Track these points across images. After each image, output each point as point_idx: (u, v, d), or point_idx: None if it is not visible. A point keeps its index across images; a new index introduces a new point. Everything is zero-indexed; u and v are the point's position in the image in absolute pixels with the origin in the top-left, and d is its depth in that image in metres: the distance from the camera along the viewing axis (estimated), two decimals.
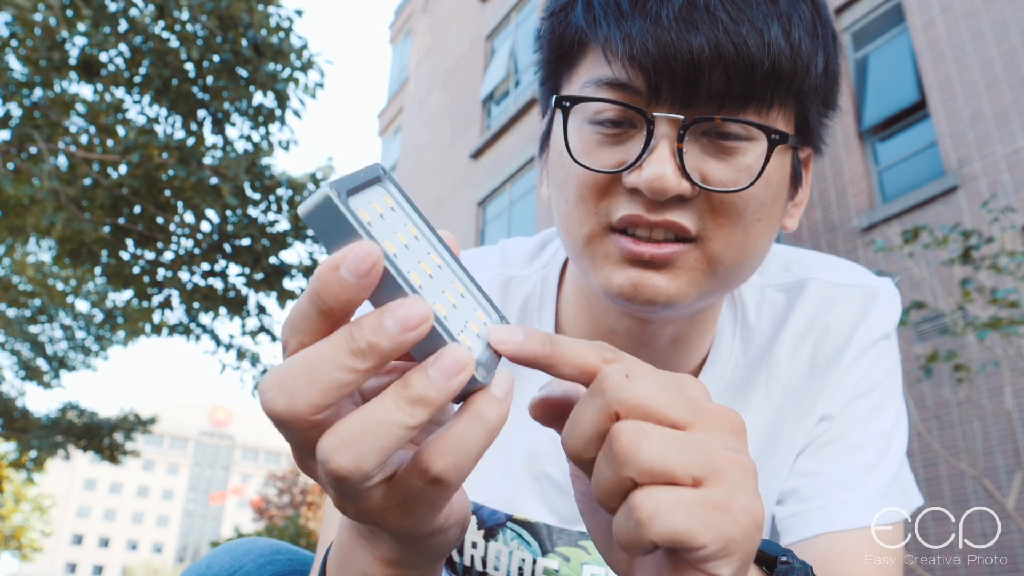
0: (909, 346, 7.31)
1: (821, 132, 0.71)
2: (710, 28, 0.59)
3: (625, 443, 0.36)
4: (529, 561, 0.81)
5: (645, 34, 0.60)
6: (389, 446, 0.34)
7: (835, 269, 0.82)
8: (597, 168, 0.64)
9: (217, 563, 0.76)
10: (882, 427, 0.76)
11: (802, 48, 0.62)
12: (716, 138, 0.63)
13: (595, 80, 0.64)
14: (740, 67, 0.60)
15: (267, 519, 27.86)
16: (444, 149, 15.82)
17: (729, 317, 0.82)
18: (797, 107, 0.66)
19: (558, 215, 0.71)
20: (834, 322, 0.79)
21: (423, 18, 18.45)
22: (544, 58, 0.72)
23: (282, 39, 7.10)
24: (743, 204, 0.64)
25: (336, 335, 0.34)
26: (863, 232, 8.26)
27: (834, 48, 0.68)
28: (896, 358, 0.81)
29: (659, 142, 0.62)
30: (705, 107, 0.61)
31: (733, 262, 0.65)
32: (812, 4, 0.65)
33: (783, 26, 0.61)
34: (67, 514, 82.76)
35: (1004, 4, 7.68)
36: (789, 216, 0.74)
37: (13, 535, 28.16)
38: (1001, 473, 6.50)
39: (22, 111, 6.68)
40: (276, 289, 7.24)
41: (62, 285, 12.17)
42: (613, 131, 0.64)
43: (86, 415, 13.34)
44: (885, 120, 8.64)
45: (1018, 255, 4.33)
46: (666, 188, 0.60)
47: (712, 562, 0.36)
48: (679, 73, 0.60)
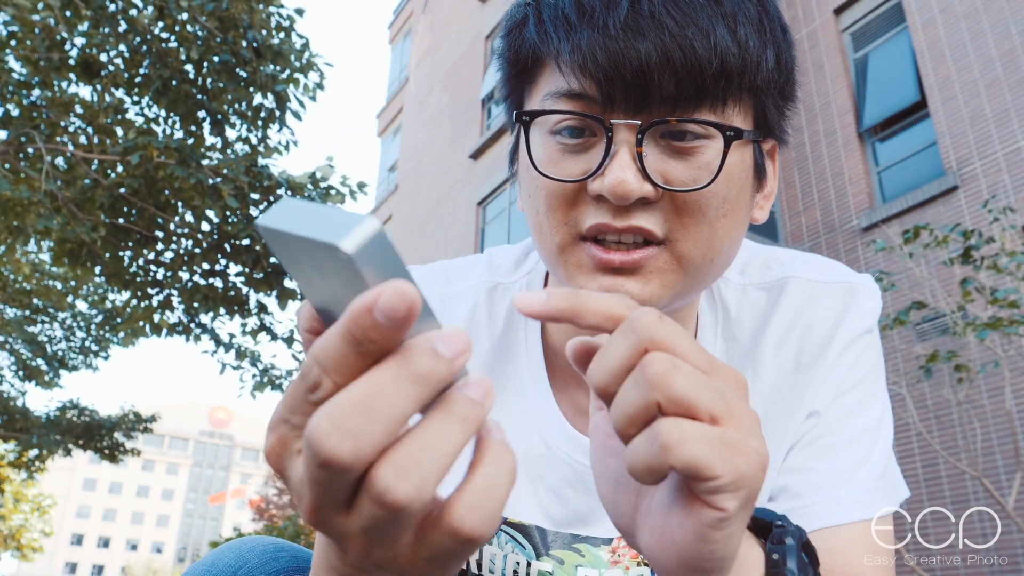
0: (909, 346, 7.32)
1: (782, 124, 0.73)
2: (656, 34, 0.60)
3: (659, 370, 0.38)
4: (524, 564, 0.81)
5: (594, 44, 0.61)
6: (446, 464, 0.34)
7: (815, 267, 0.83)
8: (562, 178, 0.66)
9: (222, 560, 0.76)
10: (869, 421, 0.77)
11: (749, 45, 0.63)
12: (674, 140, 0.64)
13: (553, 92, 0.66)
14: (689, 69, 0.61)
15: (267, 519, 27.86)
16: (444, 149, 15.83)
17: (710, 317, 0.82)
18: (753, 102, 0.67)
19: (531, 226, 0.72)
20: (817, 319, 0.79)
21: (423, 18, 18.45)
22: (504, 76, 0.74)
23: (282, 39, 7.10)
24: (706, 202, 0.65)
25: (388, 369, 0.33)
26: (863, 232, 8.26)
27: (785, 41, 0.69)
28: (879, 352, 0.82)
29: (619, 148, 0.63)
30: (659, 110, 0.63)
31: (703, 260, 0.67)
32: (757, 1, 0.66)
33: (728, 25, 0.62)
34: (67, 514, 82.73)
35: (1004, 4, 7.68)
36: (758, 208, 0.74)
37: (13, 535, 28.17)
38: (1001, 473, 6.50)
39: (19, 111, 6.68)
40: (276, 288, 7.23)
41: (61, 285, 12.17)
42: (575, 141, 0.66)
43: (86, 414, 13.33)
44: (885, 120, 8.65)
45: (1018, 255, 4.33)
46: (628, 192, 0.62)
47: (722, 494, 0.38)
48: (630, 80, 0.61)
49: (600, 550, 0.81)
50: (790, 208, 9.42)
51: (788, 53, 0.70)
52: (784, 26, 0.70)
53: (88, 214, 6.54)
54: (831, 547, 0.70)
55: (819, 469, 0.75)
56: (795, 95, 0.73)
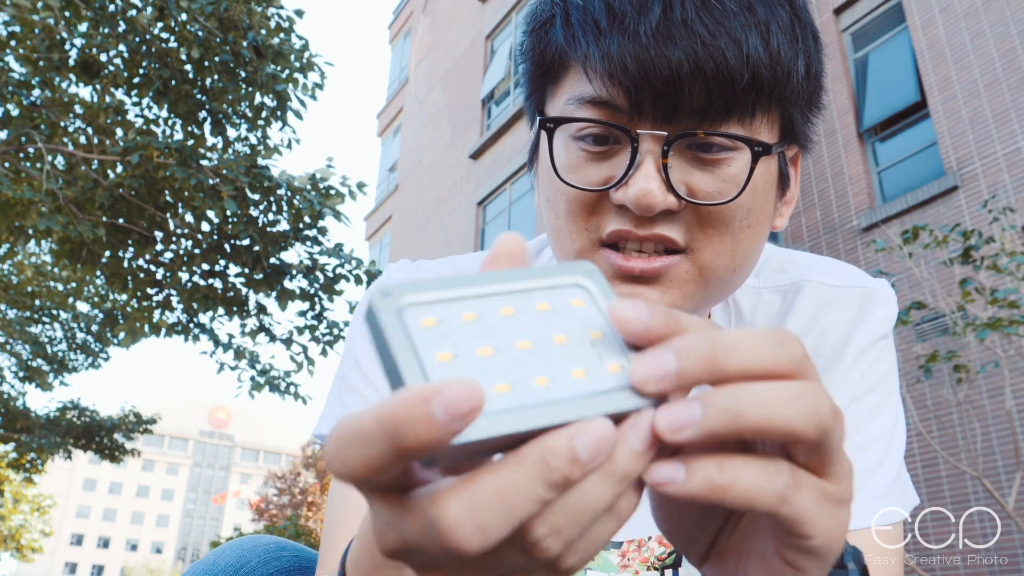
0: (909, 346, 7.32)
1: (808, 132, 0.72)
2: (688, 42, 0.59)
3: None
4: None
5: (624, 51, 0.60)
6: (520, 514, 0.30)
7: (831, 271, 0.82)
8: (584, 187, 0.65)
9: (223, 559, 0.76)
10: (883, 428, 0.76)
11: (782, 55, 0.62)
12: (700, 151, 0.63)
13: (577, 98, 0.65)
14: (720, 80, 0.60)
15: (267, 519, 27.87)
16: (444, 149, 15.83)
17: (724, 321, 0.82)
18: (781, 112, 0.66)
19: (549, 229, 0.71)
20: (832, 324, 0.79)
21: (423, 18, 18.45)
22: (528, 72, 0.73)
23: (282, 40, 7.10)
24: (731, 214, 0.64)
25: (525, 468, 0.29)
26: (863, 232, 8.26)
27: (815, 49, 0.68)
28: (893, 359, 0.81)
29: (644, 158, 0.62)
30: (687, 121, 0.62)
31: (724, 271, 0.66)
32: (790, 6, 0.65)
33: (762, 35, 0.61)
34: (67, 514, 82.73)
35: (1004, 4, 7.68)
36: (779, 215, 0.74)
37: (13, 536, 28.14)
38: (1001, 473, 6.50)
39: (19, 111, 6.68)
40: (276, 289, 7.23)
41: (63, 287, 12.16)
42: (598, 148, 0.65)
43: (87, 415, 13.32)
44: (885, 120, 8.65)
45: (1018, 255, 4.33)
46: (653, 204, 0.61)
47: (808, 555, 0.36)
48: (659, 89, 0.60)
49: (610, 554, 0.81)
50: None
51: (818, 61, 0.68)
52: (816, 33, 0.68)
53: (88, 214, 6.54)
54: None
55: None
56: (822, 104, 0.71)
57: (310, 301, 7.44)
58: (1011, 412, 4.79)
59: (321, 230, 7.23)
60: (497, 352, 0.32)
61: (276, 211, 7.00)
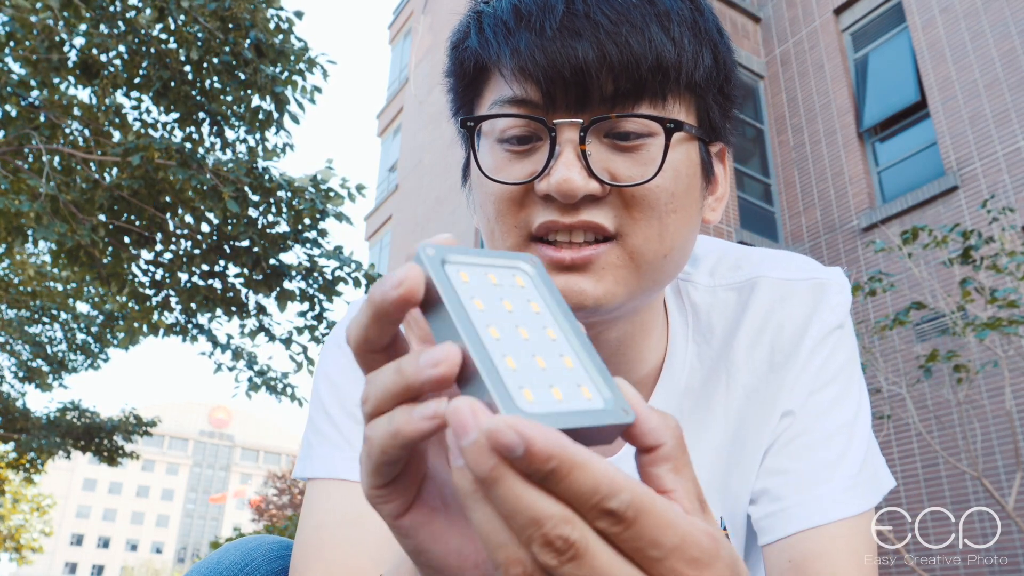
0: (909, 346, 7.32)
1: (726, 125, 0.73)
2: (592, 33, 0.62)
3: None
4: None
5: (532, 46, 0.62)
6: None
7: (785, 265, 0.83)
8: (509, 181, 0.66)
9: (227, 559, 0.77)
10: (844, 418, 0.76)
11: (684, 43, 0.64)
12: (618, 139, 0.65)
13: (498, 100, 0.67)
14: (625, 65, 0.62)
15: (267, 519, 27.86)
16: (444, 149, 15.83)
17: (680, 321, 0.82)
18: (695, 100, 0.68)
19: (484, 235, 0.72)
20: (787, 318, 0.79)
21: (423, 18, 18.46)
22: (453, 90, 0.75)
23: (282, 40, 7.09)
24: (654, 197, 0.65)
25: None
26: (863, 232, 8.27)
27: (722, 43, 0.70)
28: (852, 345, 0.82)
29: (563, 148, 0.64)
30: (600, 108, 0.64)
31: (655, 256, 0.66)
32: (690, 3, 0.68)
33: (663, 24, 0.64)
34: (67, 514, 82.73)
35: (1004, 4, 7.69)
36: (710, 210, 0.75)
37: (12, 536, 28.12)
38: (1001, 473, 6.50)
39: (18, 112, 6.68)
40: (275, 290, 7.23)
41: (62, 287, 12.15)
42: (521, 147, 0.66)
43: (86, 416, 13.30)
44: (885, 120, 8.66)
45: (1018, 255, 4.33)
46: (574, 189, 0.62)
47: None
48: (569, 79, 0.62)
49: None
50: (790, 208, 9.43)
51: (726, 54, 0.71)
52: (720, 29, 0.71)
53: (87, 215, 6.54)
54: (813, 551, 0.70)
55: (797, 470, 0.74)
56: (735, 97, 0.73)
57: (309, 302, 7.44)
58: (1011, 412, 4.80)
59: (321, 232, 7.22)
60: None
61: (276, 212, 6.99)
